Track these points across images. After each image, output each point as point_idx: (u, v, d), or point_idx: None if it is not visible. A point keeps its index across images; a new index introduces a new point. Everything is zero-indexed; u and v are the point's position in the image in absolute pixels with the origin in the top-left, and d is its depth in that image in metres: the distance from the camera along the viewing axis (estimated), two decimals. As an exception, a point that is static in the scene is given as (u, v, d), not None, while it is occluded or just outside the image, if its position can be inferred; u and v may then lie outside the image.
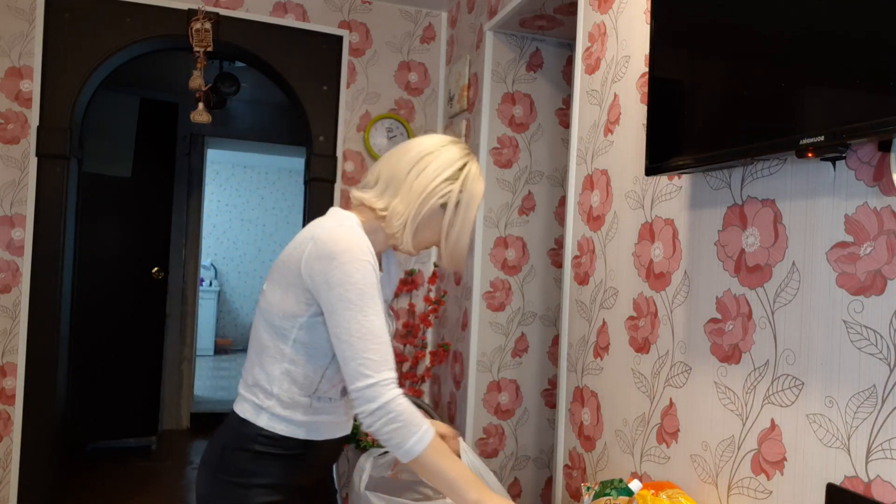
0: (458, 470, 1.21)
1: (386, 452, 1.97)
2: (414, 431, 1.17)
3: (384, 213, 1.33)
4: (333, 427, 1.35)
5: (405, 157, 1.35)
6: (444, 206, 1.33)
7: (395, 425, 1.16)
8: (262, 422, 1.28)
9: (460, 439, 1.88)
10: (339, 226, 1.25)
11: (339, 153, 3.20)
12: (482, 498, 1.18)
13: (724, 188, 1.40)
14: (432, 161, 1.33)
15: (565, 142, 2.84)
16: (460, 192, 1.34)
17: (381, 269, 1.40)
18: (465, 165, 1.35)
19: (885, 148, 1.04)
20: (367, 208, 1.35)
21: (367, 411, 1.17)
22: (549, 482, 2.82)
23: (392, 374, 1.19)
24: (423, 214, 1.32)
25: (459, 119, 3.07)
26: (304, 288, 1.23)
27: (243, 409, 1.31)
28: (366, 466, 1.88)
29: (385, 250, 1.43)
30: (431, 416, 2.79)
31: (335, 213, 1.33)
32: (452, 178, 1.33)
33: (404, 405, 1.18)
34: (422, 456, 1.18)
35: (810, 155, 1.06)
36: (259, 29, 3.10)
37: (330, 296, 1.19)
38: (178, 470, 4.08)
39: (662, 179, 1.62)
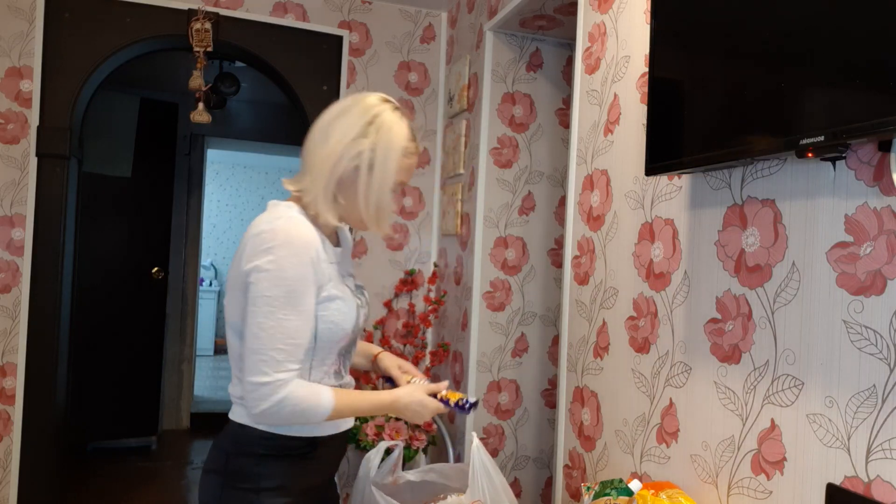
0: (362, 397, 1.30)
1: (385, 458, 1.97)
2: (314, 407, 1.20)
3: (299, 195, 1.27)
4: (335, 421, 1.30)
5: (315, 129, 1.28)
6: (357, 167, 1.24)
7: (294, 417, 1.20)
8: (262, 425, 1.24)
9: (473, 434, 1.88)
10: (277, 219, 1.21)
11: (339, 153, 3.20)
12: (394, 396, 1.33)
13: (724, 188, 1.40)
14: (338, 125, 1.25)
15: (565, 142, 2.84)
16: (373, 148, 1.24)
17: (338, 245, 1.36)
18: (375, 118, 1.25)
19: (885, 148, 1.04)
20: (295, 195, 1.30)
21: (259, 410, 1.17)
22: (549, 482, 2.82)
23: (287, 374, 1.17)
24: (335, 183, 1.25)
25: (459, 119, 3.07)
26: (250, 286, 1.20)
27: (239, 414, 1.28)
28: (373, 461, 1.88)
29: (338, 228, 1.38)
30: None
31: (273, 206, 1.28)
32: (361, 135, 1.24)
33: (296, 395, 1.18)
34: (332, 413, 1.22)
35: (810, 155, 1.06)
36: (259, 29, 3.10)
37: (258, 287, 1.17)
38: (178, 470, 4.08)
39: (662, 179, 1.62)
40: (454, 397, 1.39)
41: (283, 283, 1.16)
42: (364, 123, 1.24)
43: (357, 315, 1.31)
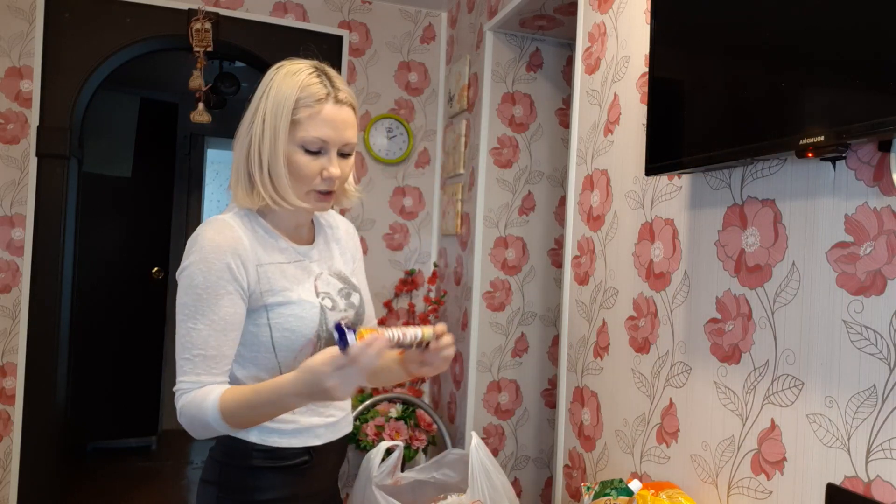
0: (259, 388, 1.09)
1: (385, 458, 1.97)
2: (202, 411, 1.08)
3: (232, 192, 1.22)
4: (331, 428, 1.27)
5: None
6: (251, 140, 1.17)
7: (194, 425, 1.11)
8: (253, 437, 1.20)
9: (473, 434, 1.87)
10: (205, 224, 1.18)
11: (339, 153, 3.19)
12: (298, 388, 1.05)
13: (724, 188, 1.40)
14: (249, 107, 1.20)
15: (565, 142, 2.84)
16: (263, 118, 1.15)
17: (310, 243, 1.29)
18: (267, 85, 1.18)
19: (885, 148, 1.04)
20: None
21: (178, 416, 1.13)
22: (549, 482, 2.82)
23: (190, 385, 1.11)
24: (245, 170, 1.18)
25: (459, 119, 3.07)
26: None
27: None
28: (374, 461, 1.88)
29: (304, 221, 1.28)
30: (431, 416, 2.80)
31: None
32: (255, 109, 1.17)
33: (188, 402, 1.10)
34: (224, 419, 1.08)
35: (810, 155, 1.06)
36: (259, 29, 3.10)
37: (177, 295, 1.15)
38: (178, 470, 4.08)
39: (662, 179, 1.62)
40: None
41: (191, 292, 1.12)
42: (259, 97, 1.19)
43: (322, 319, 1.19)
